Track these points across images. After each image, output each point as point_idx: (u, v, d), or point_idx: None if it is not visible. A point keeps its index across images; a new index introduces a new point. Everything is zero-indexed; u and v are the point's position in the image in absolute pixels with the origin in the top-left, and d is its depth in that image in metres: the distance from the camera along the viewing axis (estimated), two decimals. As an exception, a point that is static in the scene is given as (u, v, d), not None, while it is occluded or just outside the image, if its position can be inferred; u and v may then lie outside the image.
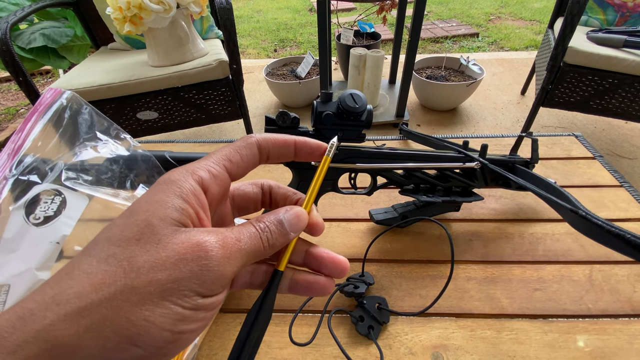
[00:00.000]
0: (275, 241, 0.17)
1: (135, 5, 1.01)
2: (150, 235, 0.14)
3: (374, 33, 2.06)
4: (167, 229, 0.14)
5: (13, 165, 0.34)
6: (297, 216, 0.18)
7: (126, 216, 0.14)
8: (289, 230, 0.17)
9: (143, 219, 0.14)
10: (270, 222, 0.17)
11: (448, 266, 0.44)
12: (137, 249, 0.13)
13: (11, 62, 1.03)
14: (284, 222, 0.17)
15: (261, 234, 0.16)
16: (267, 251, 0.17)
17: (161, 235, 0.14)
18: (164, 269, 0.13)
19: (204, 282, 0.14)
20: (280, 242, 0.17)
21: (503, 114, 1.83)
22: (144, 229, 0.14)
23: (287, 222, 0.17)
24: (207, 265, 0.14)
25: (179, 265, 0.13)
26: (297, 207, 0.18)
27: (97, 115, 0.41)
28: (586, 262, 0.43)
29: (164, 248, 0.14)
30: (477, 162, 0.43)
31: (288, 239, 0.18)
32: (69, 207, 0.34)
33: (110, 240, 0.14)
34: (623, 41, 1.17)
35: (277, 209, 0.18)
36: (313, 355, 0.35)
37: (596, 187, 0.54)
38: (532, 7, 3.42)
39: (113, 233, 0.14)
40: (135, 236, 0.14)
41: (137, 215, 0.14)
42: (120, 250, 0.13)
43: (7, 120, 2.07)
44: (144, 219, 0.14)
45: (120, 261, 0.13)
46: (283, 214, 0.18)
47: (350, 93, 0.37)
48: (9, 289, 0.31)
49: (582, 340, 0.35)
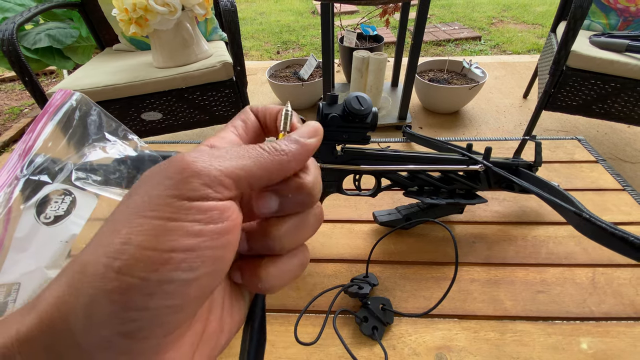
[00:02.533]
0: (288, 148, 0.15)
1: (141, 7, 1.02)
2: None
3: (377, 36, 2.07)
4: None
5: (24, 166, 0.34)
6: (309, 124, 0.17)
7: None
8: (303, 136, 0.16)
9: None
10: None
11: (451, 268, 0.44)
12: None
13: (17, 62, 1.04)
14: (294, 135, 0.16)
15: (263, 145, 0.15)
16: (275, 158, 0.15)
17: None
18: (138, 194, 0.13)
19: (177, 183, 0.12)
20: (295, 151, 0.15)
21: (505, 117, 1.83)
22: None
23: (299, 133, 0.16)
24: (176, 165, 0.13)
25: (150, 182, 0.13)
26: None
27: (105, 117, 0.42)
28: (589, 265, 0.43)
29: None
30: (481, 164, 0.44)
31: (305, 147, 0.16)
32: (79, 206, 0.34)
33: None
34: (625, 45, 1.17)
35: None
36: (318, 355, 0.36)
37: (599, 190, 0.55)
38: (535, 11, 3.43)
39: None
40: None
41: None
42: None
43: (12, 120, 2.08)
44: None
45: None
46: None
47: (355, 95, 0.37)
48: (19, 288, 0.32)
49: (585, 343, 0.36)
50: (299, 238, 0.16)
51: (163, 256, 0.11)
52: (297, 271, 0.17)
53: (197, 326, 0.14)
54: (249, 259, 0.16)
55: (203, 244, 0.12)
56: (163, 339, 0.12)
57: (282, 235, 0.15)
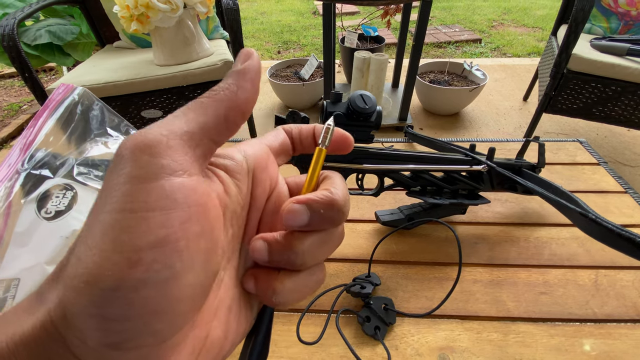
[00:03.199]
0: (225, 83, 0.14)
1: (142, 4, 1.01)
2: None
3: (378, 37, 2.07)
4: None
5: (25, 160, 0.34)
6: (239, 54, 0.15)
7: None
8: (238, 64, 0.14)
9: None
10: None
11: (454, 268, 0.44)
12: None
13: (18, 58, 1.03)
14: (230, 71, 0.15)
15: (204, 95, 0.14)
16: (216, 97, 0.13)
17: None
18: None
19: (126, 162, 0.11)
20: (234, 81, 0.14)
21: (505, 120, 1.84)
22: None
23: (234, 64, 0.15)
24: (123, 145, 0.11)
25: (107, 172, 0.12)
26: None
27: (107, 112, 0.41)
28: (591, 267, 0.43)
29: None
30: (484, 165, 0.43)
31: (244, 71, 0.14)
32: (80, 202, 0.34)
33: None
34: (626, 49, 1.18)
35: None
36: (320, 354, 0.35)
37: (601, 192, 0.55)
38: (535, 15, 3.44)
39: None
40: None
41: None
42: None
43: (10, 117, 2.07)
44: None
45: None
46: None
47: (360, 94, 0.37)
48: (18, 283, 0.32)
49: (588, 345, 0.36)
50: (321, 255, 0.16)
51: (131, 258, 0.10)
52: (313, 288, 0.16)
53: (198, 332, 0.13)
54: (265, 269, 0.16)
55: (173, 235, 0.11)
56: (158, 347, 0.11)
57: (306, 250, 0.15)
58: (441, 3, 3.96)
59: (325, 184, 0.16)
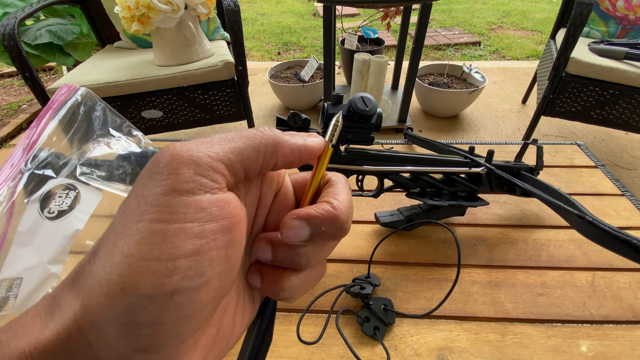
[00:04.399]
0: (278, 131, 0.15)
1: (143, 4, 1.02)
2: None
3: (378, 39, 2.08)
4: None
5: (28, 160, 0.34)
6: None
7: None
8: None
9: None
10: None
11: (452, 269, 0.44)
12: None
13: (18, 57, 1.04)
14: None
15: (253, 129, 0.14)
16: (266, 138, 0.14)
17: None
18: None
19: (168, 176, 0.12)
20: (290, 133, 0.15)
21: (504, 122, 1.84)
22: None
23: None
24: (164, 157, 0.12)
25: (142, 180, 0.12)
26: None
27: (110, 112, 0.42)
28: (589, 269, 0.44)
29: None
30: (483, 167, 0.44)
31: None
32: (83, 202, 0.34)
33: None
34: (625, 53, 1.19)
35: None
36: (319, 354, 0.36)
37: (598, 195, 0.55)
38: (534, 18, 3.46)
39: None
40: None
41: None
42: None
43: (10, 116, 2.07)
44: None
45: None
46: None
47: (361, 96, 0.37)
48: (21, 282, 0.32)
49: (585, 346, 0.36)
50: (324, 255, 0.16)
51: (168, 266, 0.11)
52: (316, 282, 0.17)
53: (211, 330, 0.14)
54: (270, 267, 0.16)
55: (207, 245, 0.11)
56: (178, 348, 0.12)
57: (309, 252, 0.15)
58: (441, 6, 3.98)
59: (328, 192, 0.16)
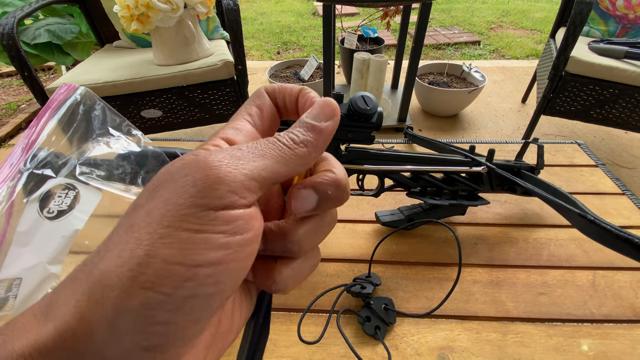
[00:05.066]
0: (305, 137, 0.14)
1: (143, 4, 1.01)
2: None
3: (378, 38, 2.08)
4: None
5: (27, 159, 0.34)
6: (323, 103, 0.15)
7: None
8: (319, 120, 0.15)
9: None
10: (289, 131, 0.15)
11: (453, 269, 0.44)
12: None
13: (17, 57, 1.03)
14: (308, 119, 0.15)
15: (281, 138, 0.14)
16: (296, 152, 0.14)
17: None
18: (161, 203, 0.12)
19: (202, 190, 0.12)
20: (313, 141, 0.14)
21: (504, 121, 1.84)
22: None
23: (312, 115, 0.15)
24: (200, 170, 0.12)
25: (172, 187, 0.12)
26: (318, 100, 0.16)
27: (109, 112, 0.42)
28: (589, 268, 0.44)
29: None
30: (484, 166, 0.44)
31: (324, 132, 0.15)
32: (83, 201, 0.34)
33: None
34: (624, 52, 1.19)
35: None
36: (320, 354, 0.36)
37: (599, 194, 0.55)
38: (534, 17, 3.46)
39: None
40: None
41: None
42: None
43: (8, 116, 2.06)
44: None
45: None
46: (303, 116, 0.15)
47: (361, 95, 0.37)
48: (20, 282, 0.32)
49: (585, 345, 0.36)
50: (316, 240, 0.16)
51: (189, 271, 0.11)
52: (309, 272, 0.16)
53: (211, 329, 0.14)
54: (262, 259, 0.16)
55: (229, 256, 0.12)
56: (182, 348, 0.12)
57: (301, 238, 0.15)
58: (440, 5, 3.98)
59: (321, 166, 0.16)
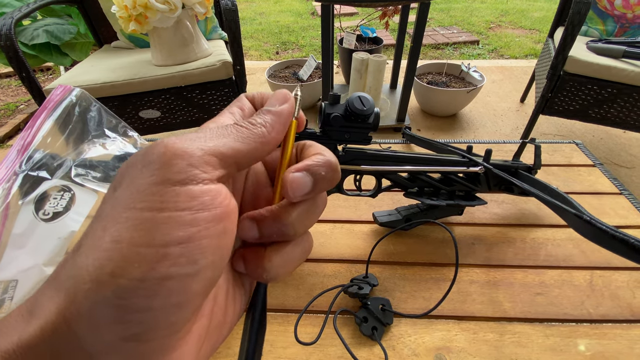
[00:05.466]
0: (262, 119, 0.15)
1: (141, 4, 1.01)
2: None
3: (376, 38, 2.08)
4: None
5: (23, 161, 0.34)
6: (276, 93, 0.17)
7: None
8: (273, 105, 0.16)
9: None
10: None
11: (450, 269, 0.44)
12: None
13: (15, 57, 1.03)
14: (265, 107, 0.16)
15: (240, 122, 0.15)
16: (254, 131, 0.15)
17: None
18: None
19: (161, 167, 0.12)
20: (270, 121, 0.15)
21: (502, 121, 1.84)
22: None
23: (268, 104, 0.16)
24: (157, 149, 0.12)
25: (133, 171, 0.12)
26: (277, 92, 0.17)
27: (105, 113, 0.41)
28: (587, 268, 0.44)
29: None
30: (481, 166, 0.44)
31: (279, 114, 0.16)
32: (78, 203, 0.34)
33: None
34: (622, 52, 1.19)
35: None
36: (317, 355, 0.36)
37: (596, 194, 0.55)
38: (532, 17, 3.46)
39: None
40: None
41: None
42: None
43: (7, 116, 2.06)
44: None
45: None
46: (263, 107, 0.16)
47: (358, 95, 0.37)
48: (16, 285, 0.32)
49: (583, 345, 0.36)
50: (309, 222, 0.16)
51: (158, 252, 0.11)
52: (301, 258, 0.16)
53: (204, 320, 0.14)
54: (252, 248, 0.16)
55: (198, 233, 0.12)
56: (170, 338, 0.12)
57: (295, 220, 0.15)
58: (439, 5, 3.98)
59: (309, 152, 0.17)
